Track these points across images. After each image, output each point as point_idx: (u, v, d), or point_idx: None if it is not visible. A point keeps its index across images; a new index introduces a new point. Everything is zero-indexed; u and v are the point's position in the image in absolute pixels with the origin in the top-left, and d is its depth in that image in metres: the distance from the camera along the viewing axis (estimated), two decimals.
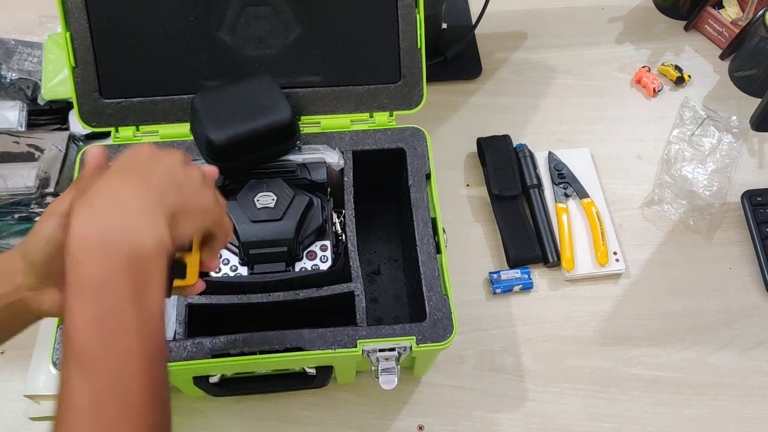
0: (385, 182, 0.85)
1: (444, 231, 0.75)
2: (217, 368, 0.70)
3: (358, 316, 0.71)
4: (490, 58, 1.11)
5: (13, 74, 0.98)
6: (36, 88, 0.97)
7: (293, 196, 0.74)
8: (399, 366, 0.72)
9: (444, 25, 1.06)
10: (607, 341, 0.88)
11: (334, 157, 0.78)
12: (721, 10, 1.12)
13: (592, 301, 0.90)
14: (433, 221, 0.76)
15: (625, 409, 0.83)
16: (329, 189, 0.79)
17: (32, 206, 0.88)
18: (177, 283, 0.56)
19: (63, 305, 0.44)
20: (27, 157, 0.89)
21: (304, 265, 0.74)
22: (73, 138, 0.93)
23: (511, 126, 1.03)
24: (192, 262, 0.57)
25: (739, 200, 0.97)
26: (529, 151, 0.99)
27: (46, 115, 0.97)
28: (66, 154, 0.90)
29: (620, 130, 1.04)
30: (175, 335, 0.75)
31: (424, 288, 0.72)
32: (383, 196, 0.87)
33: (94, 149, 0.52)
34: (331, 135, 0.80)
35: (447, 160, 1.00)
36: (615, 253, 0.92)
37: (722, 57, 1.11)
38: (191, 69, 0.79)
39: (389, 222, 0.92)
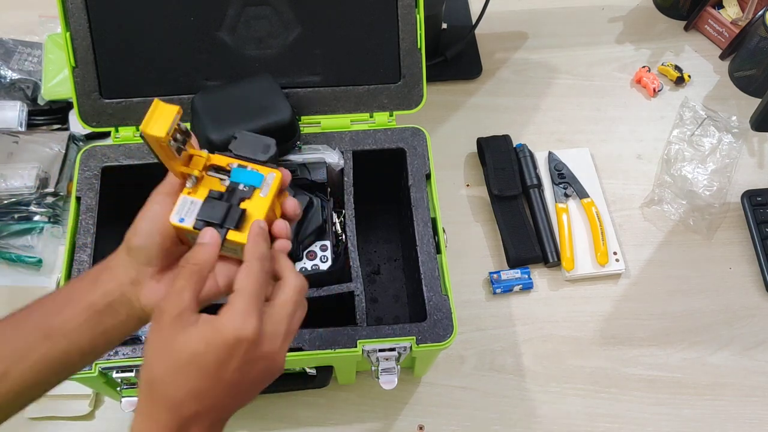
0: (385, 182, 0.85)
1: (444, 231, 0.75)
2: None
3: (358, 316, 0.71)
4: (490, 58, 1.11)
5: (13, 74, 0.98)
6: (36, 88, 0.97)
7: (293, 196, 0.73)
8: (399, 366, 0.72)
9: (444, 25, 1.06)
10: (606, 341, 0.88)
11: (334, 157, 0.78)
12: (721, 10, 1.11)
13: (592, 301, 0.90)
14: (433, 221, 0.76)
15: (625, 409, 0.83)
16: (329, 189, 0.78)
17: (32, 206, 0.88)
18: (231, 235, 0.47)
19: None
20: (27, 157, 0.89)
21: (304, 265, 0.74)
22: (73, 138, 0.93)
23: (511, 126, 1.02)
24: (258, 206, 0.47)
25: (739, 200, 0.97)
26: (529, 151, 0.98)
27: (46, 115, 0.97)
28: (66, 154, 0.90)
29: (620, 130, 1.04)
30: None
31: (424, 288, 0.72)
32: (383, 196, 0.87)
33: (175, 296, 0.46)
34: (331, 135, 0.80)
35: (447, 160, 1.00)
36: (615, 253, 0.92)
37: (722, 57, 1.11)
38: (191, 69, 0.79)
39: (389, 222, 0.92)
